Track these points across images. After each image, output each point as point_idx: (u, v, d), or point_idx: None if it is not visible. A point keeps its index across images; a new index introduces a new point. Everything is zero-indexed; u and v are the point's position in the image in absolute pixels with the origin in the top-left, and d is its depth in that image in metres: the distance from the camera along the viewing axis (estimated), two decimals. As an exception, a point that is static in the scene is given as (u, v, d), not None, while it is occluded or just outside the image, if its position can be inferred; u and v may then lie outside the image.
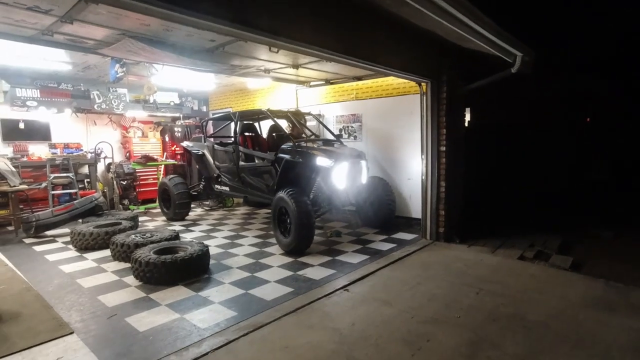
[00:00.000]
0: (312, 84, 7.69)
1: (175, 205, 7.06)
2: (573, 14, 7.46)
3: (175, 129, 9.47)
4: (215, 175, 7.02)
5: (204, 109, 10.17)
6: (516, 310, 3.35)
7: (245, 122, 6.88)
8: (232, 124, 6.76)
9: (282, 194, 4.96)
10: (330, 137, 6.40)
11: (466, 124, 6.22)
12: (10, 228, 6.47)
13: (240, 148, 6.34)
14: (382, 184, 6.14)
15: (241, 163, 6.34)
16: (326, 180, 5.28)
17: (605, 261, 4.66)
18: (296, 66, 5.99)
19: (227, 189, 6.88)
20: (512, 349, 2.73)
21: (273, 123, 6.62)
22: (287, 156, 5.43)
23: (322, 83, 7.52)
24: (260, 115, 6.95)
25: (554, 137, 9.29)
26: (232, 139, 6.55)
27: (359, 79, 6.92)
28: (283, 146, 5.61)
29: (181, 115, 9.62)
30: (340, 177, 5.24)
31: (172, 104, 9.18)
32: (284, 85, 8.04)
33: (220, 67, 5.78)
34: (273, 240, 5.67)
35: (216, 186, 7.10)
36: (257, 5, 3.03)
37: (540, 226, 6.20)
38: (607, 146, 10.66)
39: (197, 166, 7.78)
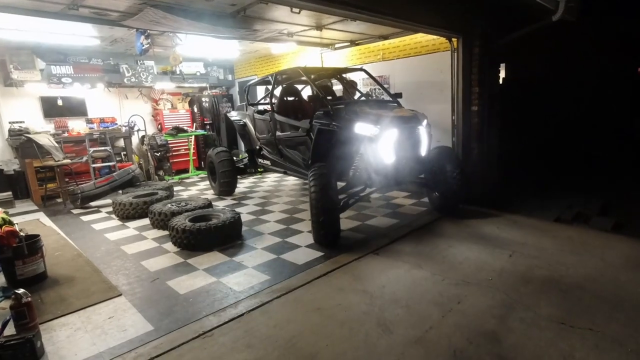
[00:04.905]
0: (337, 46, 7.44)
1: (220, 178, 6.61)
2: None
3: (203, 99, 9.58)
4: (257, 147, 6.30)
5: (230, 77, 10.16)
6: (551, 273, 3.27)
7: (285, 85, 6.03)
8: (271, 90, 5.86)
9: (309, 172, 4.12)
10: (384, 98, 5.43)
11: (501, 81, 5.87)
12: (59, 200, 6.93)
13: (276, 116, 5.42)
14: (449, 155, 4.89)
15: (280, 133, 5.46)
16: (370, 153, 4.18)
17: (652, 222, 4.42)
18: (319, 27, 5.79)
19: (268, 163, 6.12)
20: (547, 311, 2.70)
21: (319, 84, 5.74)
22: (320, 123, 4.52)
23: (347, 45, 7.26)
24: (294, 75, 5.92)
25: (600, 91, 8.62)
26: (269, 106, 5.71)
27: (385, 37, 6.61)
28: (318, 112, 4.67)
29: (208, 85, 9.67)
30: (389, 148, 4.14)
31: (198, 74, 9.22)
32: (309, 49, 7.83)
33: (243, 33, 5.68)
34: (302, 206, 5.75)
35: (259, 160, 6.41)
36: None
37: (582, 188, 5.91)
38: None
39: (241, 138, 7.08)
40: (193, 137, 9.16)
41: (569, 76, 7.74)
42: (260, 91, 8.86)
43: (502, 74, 6.03)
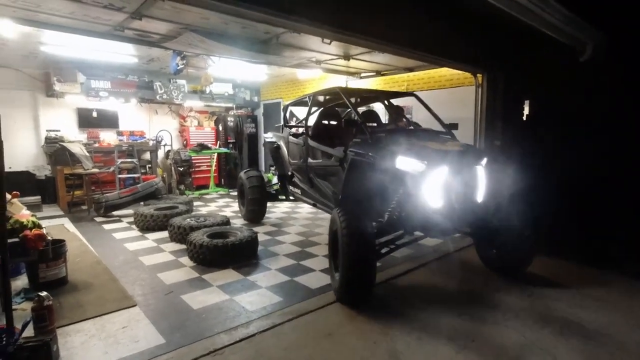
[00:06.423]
0: (362, 75, 7.63)
1: (249, 205, 6.16)
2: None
3: (228, 118, 9.88)
4: (289, 173, 5.73)
5: (256, 99, 10.48)
6: (572, 317, 3.15)
7: (325, 107, 5.54)
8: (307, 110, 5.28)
9: (335, 210, 3.42)
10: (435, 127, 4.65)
11: (524, 117, 5.84)
12: (84, 207, 7.16)
13: (309, 141, 4.80)
14: (513, 202, 3.80)
15: (311, 160, 4.85)
16: (413, 194, 3.36)
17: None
18: (347, 57, 5.97)
19: (299, 192, 5.54)
20: (566, 356, 2.59)
21: (364, 109, 5.45)
22: (355, 153, 3.84)
23: (372, 74, 7.43)
24: (333, 96, 5.35)
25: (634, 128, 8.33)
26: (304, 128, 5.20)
27: (411, 70, 6.75)
28: (355, 139, 4.03)
29: (234, 106, 10.00)
30: (436, 190, 3.29)
31: (226, 94, 9.57)
32: (334, 76, 8.05)
33: (273, 59, 5.90)
34: (319, 230, 5.76)
35: (290, 187, 5.86)
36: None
37: (618, 231, 5.67)
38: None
39: (273, 161, 6.47)
40: (215, 154, 9.40)
41: (610, 112, 7.51)
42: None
43: (526, 110, 6.00)
